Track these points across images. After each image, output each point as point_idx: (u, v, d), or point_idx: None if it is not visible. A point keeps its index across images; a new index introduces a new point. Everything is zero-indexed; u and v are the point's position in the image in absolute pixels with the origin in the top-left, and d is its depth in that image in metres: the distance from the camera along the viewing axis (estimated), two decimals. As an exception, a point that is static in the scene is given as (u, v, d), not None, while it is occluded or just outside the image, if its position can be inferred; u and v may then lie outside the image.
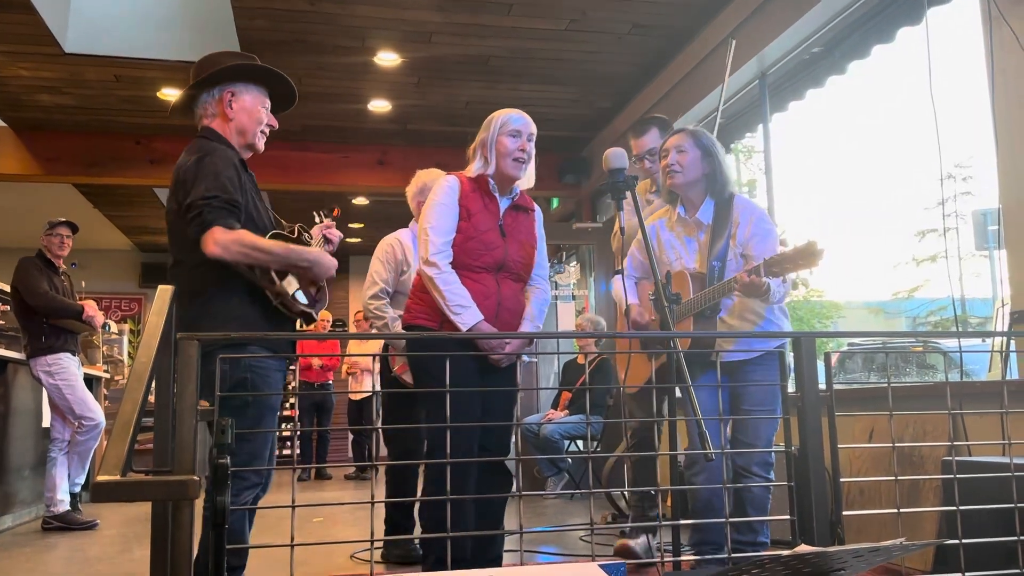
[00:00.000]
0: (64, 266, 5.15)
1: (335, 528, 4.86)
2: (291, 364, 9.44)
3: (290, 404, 10.49)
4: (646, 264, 3.09)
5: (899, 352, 6.50)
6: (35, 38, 5.35)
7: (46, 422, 5.32)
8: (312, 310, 2.49)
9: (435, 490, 2.57)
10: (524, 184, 2.89)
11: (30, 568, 3.82)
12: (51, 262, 5.01)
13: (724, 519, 1.97)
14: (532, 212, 2.94)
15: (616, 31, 5.47)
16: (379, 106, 6.74)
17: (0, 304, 5.53)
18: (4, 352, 4.95)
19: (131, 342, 9.27)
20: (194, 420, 1.59)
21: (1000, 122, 3.31)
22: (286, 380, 10.50)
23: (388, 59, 5.85)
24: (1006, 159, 3.30)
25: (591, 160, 7.60)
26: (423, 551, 2.92)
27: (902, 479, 3.08)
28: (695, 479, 2.84)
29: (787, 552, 1.47)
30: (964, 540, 1.94)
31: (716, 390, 2.65)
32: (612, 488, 5.06)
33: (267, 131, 2.63)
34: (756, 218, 2.89)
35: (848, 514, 1.96)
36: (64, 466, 4.98)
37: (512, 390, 2.78)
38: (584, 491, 6.01)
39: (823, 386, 1.94)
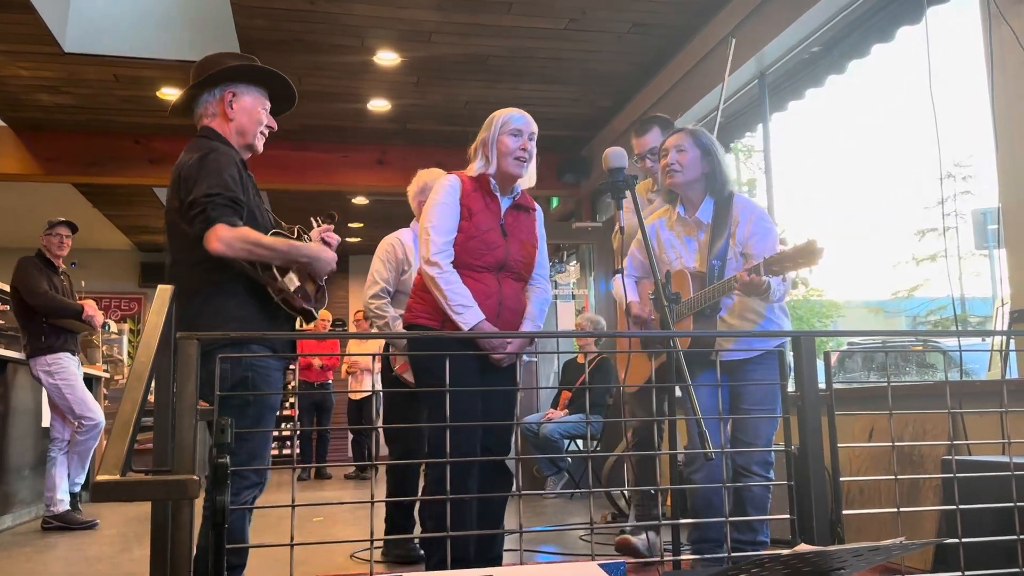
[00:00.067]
0: (64, 266, 5.15)
1: (335, 528, 4.86)
2: (291, 364, 9.44)
3: (290, 404, 10.49)
4: (646, 263, 3.08)
5: (899, 351, 6.50)
6: (35, 38, 5.35)
7: (46, 422, 5.32)
8: (312, 308, 2.50)
9: (437, 490, 2.57)
10: (525, 183, 2.89)
11: (30, 568, 3.82)
12: (50, 262, 5.01)
13: (724, 518, 1.98)
14: (533, 211, 2.94)
15: (616, 30, 5.47)
16: (378, 105, 6.74)
17: (0, 304, 5.53)
18: (4, 352, 4.95)
19: (131, 342, 9.27)
20: (194, 420, 1.59)
21: (1000, 121, 3.31)
22: (286, 379, 10.43)
23: (387, 58, 5.85)
24: (1006, 158, 3.30)
25: (591, 159, 7.60)
26: (426, 551, 2.92)
27: (902, 478, 3.08)
28: (694, 477, 2.84)
29: (787, 551, 1.47)
30: (964, 539, 1.94)
31: (716, 389, 2.65)
32: (612, 487, 5.06)
33: (266, 132, 2.64)
34: (756, 217, 2.89)
35: (848, 513, 1.96)
36: (64, 466, 4.98)
37: (513, 389, 2.77)
38: (584, 490, 6.01)
39: (823, 385, 1.94)
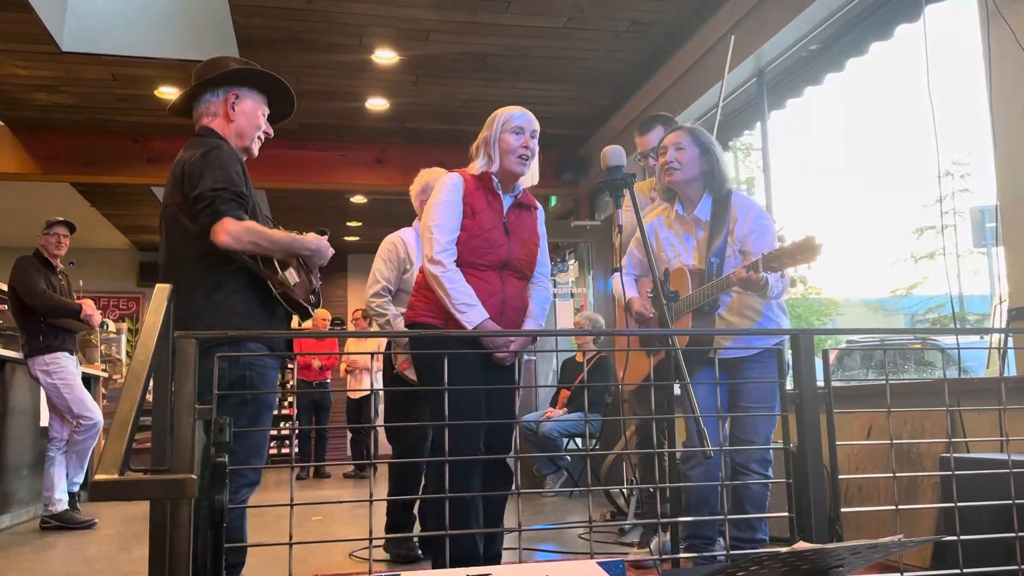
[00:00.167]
0: (62, 265, 5.15)
1: (334, 527, 4.86)
2: (288, 362, 9.43)
3: (288, 403, 10.48)
4: (644, 262, 3.09)
5: (897, 349, 6.51)
6: (32, 37, 5.34)
7: (44, 421, 5.32)
8: (309, 305, 2.53)
9: (441, 489, 2.56)
10: (527, 181, 2.88)
11: (28, 568, 3.81)
12: (48, 261, 5.00)
13: (722, 516, 1.98)
14: (535, 210, 2.93)
15: (614, 28, 5.46)
16: (377, 104, 6.73)
17: (-2, 303, 5.53)
18: (2, 351, 4.95)
19: (129, 341, 9.27)
20: (192, 418, 1.59)
21: (998, 119, 3.31)
22: (284, 378, 10.41)
23: (385, 57, 5.84)
24: (1004, 156, 3.30)
25: (589, 158, 7.60)
26: (430, 551, 2.91)
27: (900, 476, 3.08)
28: (691, 474, 2.84)
29: (785, 549, 1.47)
30: (962, 537, 1.94)
31: (715, 387, 2.65)
32: (611, 486, 5.06)
33: (263, 138, 2.68)
34: (754, 215, 2.89)
35: (846, 511, 1.97)
36: (62, 465, 4.98)
37: (513, 388, 2.77)
38: (583, 489, 6.01)
39: (821, 383, 1.94)
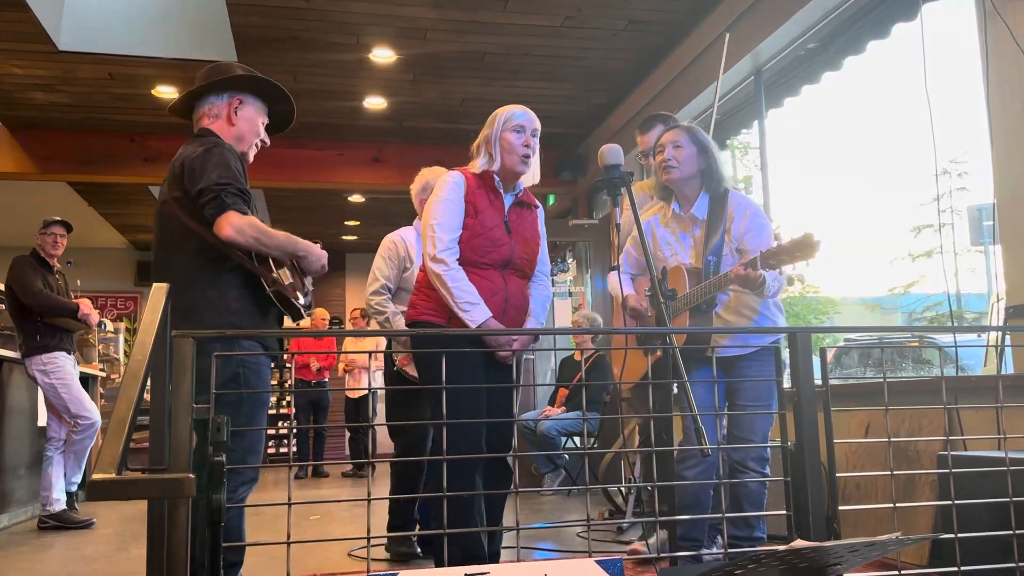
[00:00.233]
0: (59, 265, 5.14)
1: (332, 526, 4.86)
2: (287, 361, 9.42)
3: (287, 402, 10.47)
4: (642, 261, 3.09)
5: (895, 347, 6.52)
6: (29, 36, 5.33)
7: (42, 421, 5.31)
8: (302, 306, 2.54)
9: (442, 488, 2.56)
10: (528, 180, 2.87)
11: (26, 568, 3.81)
12: (45, 261, 5.00)
13: (719, 515, 1.98)
14: (535, 208, 2.93)
15: (611, 27, 5.46)
16: (374, 103, 6.73)
17: (-5, 303, 5.52)
18: (-1, 351, 4.95)
19: (127, 340, 9.26)
20: (189, 418, 1.59)
21: (995, 117, 3.31)
22: (282, 376, 10.40)
23: (383, 56, 5.84)
24: (1001, 154, 3.30)
25: (587, 156, 7.60)
26: (432, 549, 2.90)
27: (898, 474, 3.08)
28: (686, 474, 2.84)
29: (783, 547, 1.47)
30: (959, 534, 1.95)
31: (712, 386, 2.65)
32: (609, 484, 5.06)
33: (259, 146, 2.71)
34: (751, 213, 2.89)
35: (844, 509, 1.97)
36: (60, 465, 4.97)
37: (513, 387, 2.77)
38: (581, 487, 6.02)
39: (819, 381, 1.94)
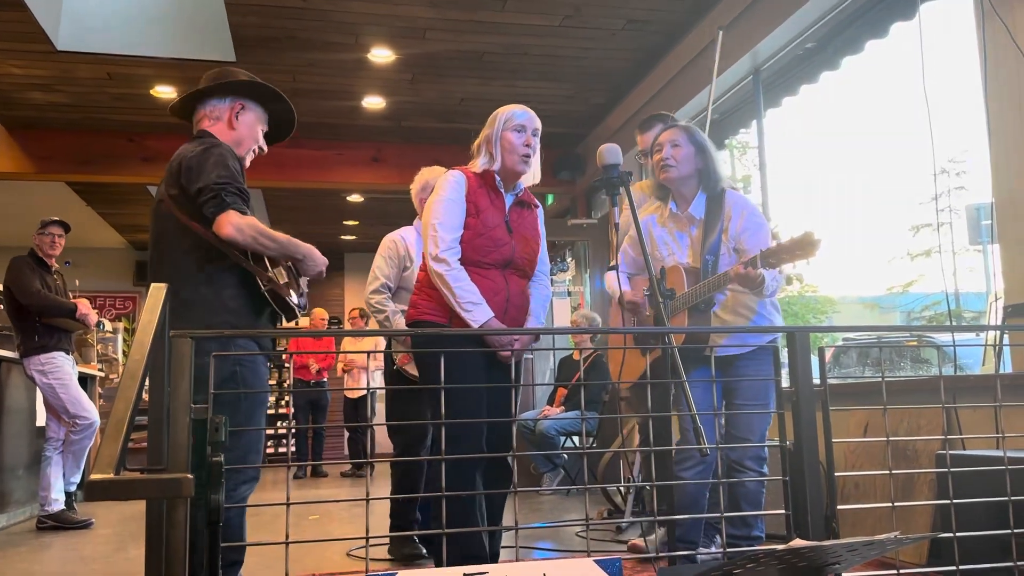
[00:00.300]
0: (57, 265, 5.14)
1: (331, 525, 4.86)
2: (286, 361, 9.42)
3: (285, 402, 10.47)
4: (639, 260, 3.09)
5: (893, 347, 6.52)
6: (27, 36, 5.32)
7: (40, 421, 5.31)
8: (296, 305, 2.55)
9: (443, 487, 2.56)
10: (528, 180, 2.87)
11: (25, 568, 3.81)
12: (43, 261, 4.99)
13: (718, 514, 1.98)
14: (535, 208, 2.93)
15: (610, 27, 5.47)
16: (373, 103, 6.72)
17: (-7, 303, 5.52)
18: (-2, 351, 4.95)
19: (126, 340, 9.26)
20: (188, 418, 1.59)
21: (993, 116, 3.32)
22: (280, 376, 10.40)
23: (381, 55, 5.84)
24: (999, 153, 3.31)
25: (586, 156, 7.60)
26: (433, 548, 2.90)
27: (896, 473, 3.09)
28: (684, 474, 2.84)
29: (782, 546, 1.48)
30: (958, 533, 1.95)
31: (709, 385, 2.65)
32: (608, 484, 5.06)
33: (256, 152, 2.72)
34: (748, 212, 2.89)
35: (843, 508, 1.97)
36: (58, 465, 4.97)
37: (513, 386, 2.77)
38: (580, 487, 6.02)
39: (817, 381, 1.94)
